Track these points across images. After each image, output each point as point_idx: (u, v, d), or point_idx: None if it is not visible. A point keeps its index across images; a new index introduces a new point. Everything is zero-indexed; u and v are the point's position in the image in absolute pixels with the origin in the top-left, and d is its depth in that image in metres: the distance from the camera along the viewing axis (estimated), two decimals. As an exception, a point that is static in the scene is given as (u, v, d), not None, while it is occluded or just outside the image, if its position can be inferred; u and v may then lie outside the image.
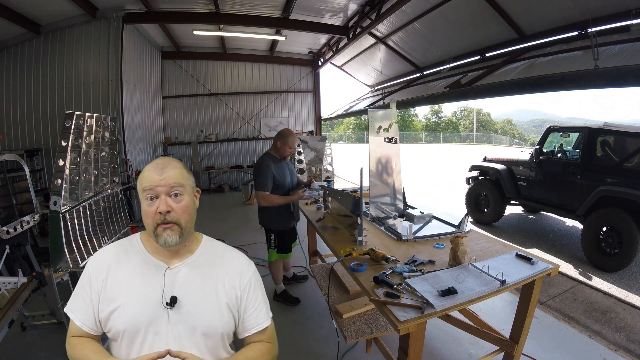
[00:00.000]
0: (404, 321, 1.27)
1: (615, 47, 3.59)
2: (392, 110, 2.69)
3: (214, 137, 9.78)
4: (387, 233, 2.28)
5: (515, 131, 42.35)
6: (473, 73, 5.37)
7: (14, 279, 2.28)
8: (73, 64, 6.13)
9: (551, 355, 2.29)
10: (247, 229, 5.70)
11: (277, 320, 1.06)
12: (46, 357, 2.34)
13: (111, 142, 2.74)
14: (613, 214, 3.84)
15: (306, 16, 6.89)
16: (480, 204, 5.81)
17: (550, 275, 1.67)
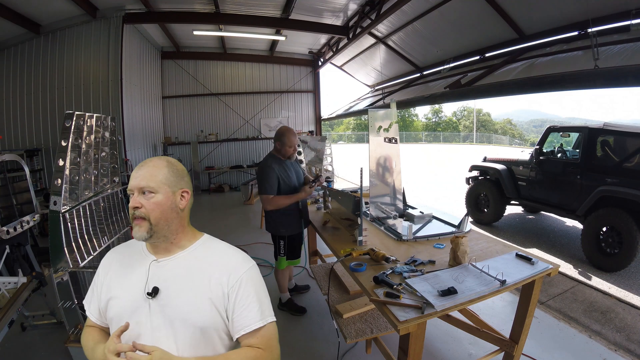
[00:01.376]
0: (404, 321, 1.27)
1: (615, 47, 3.59)
2: (392, 110, 2.69)
3: (214, 137, 9.79)
4: (387, 233, 2.28)
5: (515, 131, 42.35)
6: (473, 73, 5.37)
7: (14, 279, 2.28)
8: (73, 64, 6.13)
9: (551, 355, 2.29)
10: (247, 229, 5.70)
11: (277, 321, 1.03)
12: (46, 357, 2.34)
13: (111, 142, 2.74)
14: (613, 214, 3.84)
15: (306, 16, 6.90)
16: (480, 204, 5.81)
17: (550, 275, 1.67)
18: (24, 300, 2.18)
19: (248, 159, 10.03)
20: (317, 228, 2.69)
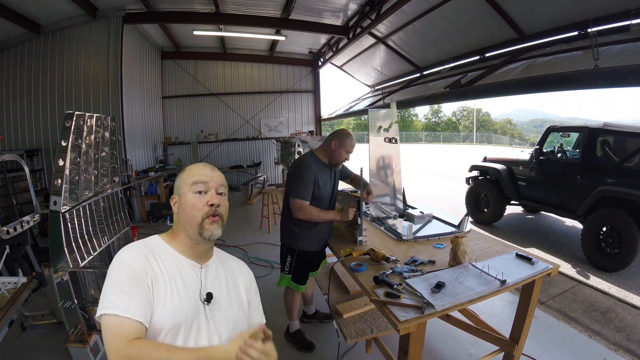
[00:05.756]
0: (404, 321, 1.27)
1: (615, 47, 3.59)
2: (392, 110, 2.70)
3: (214, 137, 9.78)
4: (387, 233, 2.28)
5: (515, 131, 42.32)
6: (473, 73, 5.37)
7: (14, 279, 2.28)
8: (73, 64, 6.13)
9: (551, 355, 2.29)
10: (247, 229, 5.70)
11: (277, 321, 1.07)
12: (46, 357, 2.33)
13: (111, 142, 2.74)
14: (613, 214, 3.83)
15: (306, 16, 6.89)
16: (480, 204, 5.81)
17: (550, 275, 1.67)
18: (24, 300, 2.18)
19: (248, 159, 10.03)
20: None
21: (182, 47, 9.15)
